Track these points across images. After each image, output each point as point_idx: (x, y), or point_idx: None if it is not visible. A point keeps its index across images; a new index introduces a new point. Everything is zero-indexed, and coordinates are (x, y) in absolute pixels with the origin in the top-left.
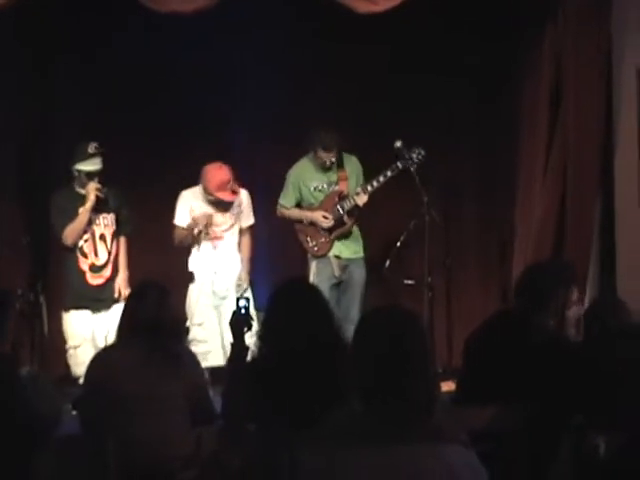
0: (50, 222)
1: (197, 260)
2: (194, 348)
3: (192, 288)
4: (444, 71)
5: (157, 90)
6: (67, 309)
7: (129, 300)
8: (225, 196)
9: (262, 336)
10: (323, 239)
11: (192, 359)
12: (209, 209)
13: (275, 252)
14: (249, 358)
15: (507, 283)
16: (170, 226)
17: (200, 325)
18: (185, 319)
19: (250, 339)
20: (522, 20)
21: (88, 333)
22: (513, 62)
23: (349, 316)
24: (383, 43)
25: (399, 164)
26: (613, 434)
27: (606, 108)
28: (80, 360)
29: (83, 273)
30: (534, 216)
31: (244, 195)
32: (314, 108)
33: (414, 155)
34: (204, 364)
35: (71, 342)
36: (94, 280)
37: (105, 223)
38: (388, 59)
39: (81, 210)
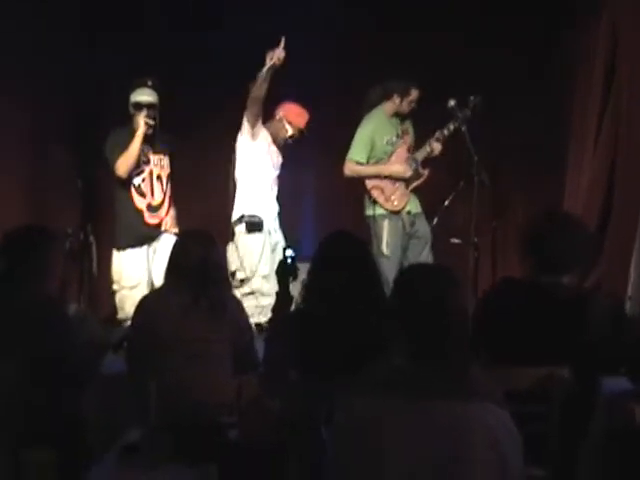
0: (104, 157)
1: (262, 206)
2: (257, 301)
3: (258, 237)
4: (495, 42)
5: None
6: (122, 248)
7: (175, 246)
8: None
9: (308, 285)
10: (399, 192)
11: (238, 307)
12: (272, 147)
13: (322, 207)
14: (293, 307)
15: None
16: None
17: (265, 277)
18: (237, 267)
19: (295, 289)
20: None
21: (144, 273)
22: (570, 33)
23: None
24: (437, 14)
25: (467, 112)
26: None
27: None
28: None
29: (140, 212)
30: (582, 183)
31: None
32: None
33: (472, 99)
34: (263, 318)
35: (126, 283)
36: (151, 219)
37: (161, 164)
38: (438, 31)
39: (134, 141)
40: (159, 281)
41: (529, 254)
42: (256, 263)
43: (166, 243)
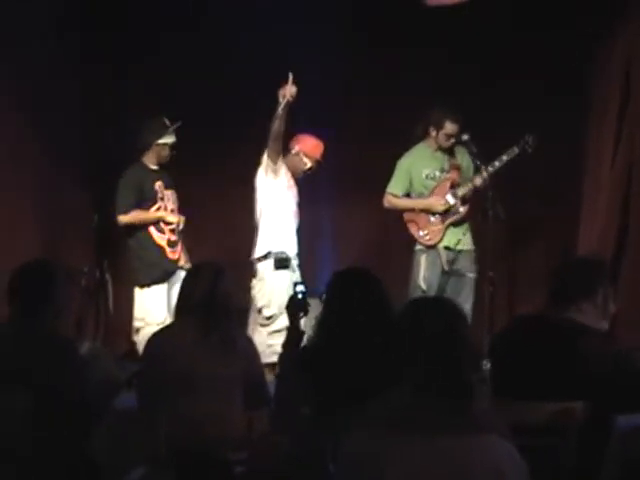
0: (115, 200)
1: (287, 242)
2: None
3: (285, 274)
4: (511, 65)
5: (213, 78)
6: (147, 285)
7: (185, 280)
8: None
9: (320, 321)
10: (435, 227)
11: (248, 342)
12: (291, 181)
13: (339, 242)
14: (304, 343)
15: None
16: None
17: None
18: (247, 303)
19: (306, 324)
20: (593, 16)
21: (167, 308)
22: (582, 59)
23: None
24: (451, 36)
25: (516, 148)
26: None
27: None
28: None
29: (162, 248)
30: (598, 214)
31: None
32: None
33: (529, 140)
34: None
35: (153, 319)
36: (172, 255)
37: (173, 199)
38: (454, 52)
39: (156, 212)
40: None
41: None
42: (284, 300)
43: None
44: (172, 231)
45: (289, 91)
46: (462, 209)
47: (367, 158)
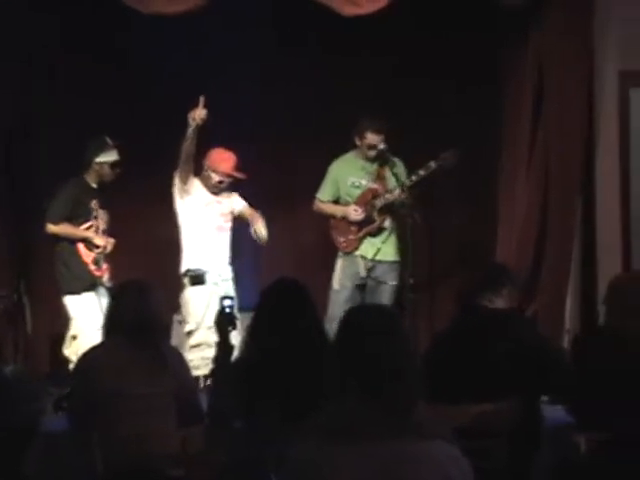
0: (47, 206)
1: (206, 258)
2: (204, 353)
3: (201, 290)
4: (426, 73)
5: (143, 93)
6: (77, 292)
7: (112, 299)
8: (238, 174)
9: (250, 333)
10: (352, 236)
11: (178, 358)
12: (209, 197)
13: (263, 253)
14: (234, 357)
15: None
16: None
17: (211, 329)
18: (171, 319)
19: (235, 338)
20: (505, 25)
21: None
22: (496, 65)
23: None
24: (365, 44)
25: (433, 164)
26: (594, 433)
27: (588, 110)
28: None
29: (86, 265)
30: (516, 217)
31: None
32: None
33: (448, 156)
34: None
35: (90, 325)
36: (97, 272)
37: (105, 219)
38: (369, 61)
39: (86, 230)
40: None
41: None
42: (201, 315)
43: (105, 297)
44: (99, 252)
45: (198, 114)
46: (378, 220)
47: (288, 168)
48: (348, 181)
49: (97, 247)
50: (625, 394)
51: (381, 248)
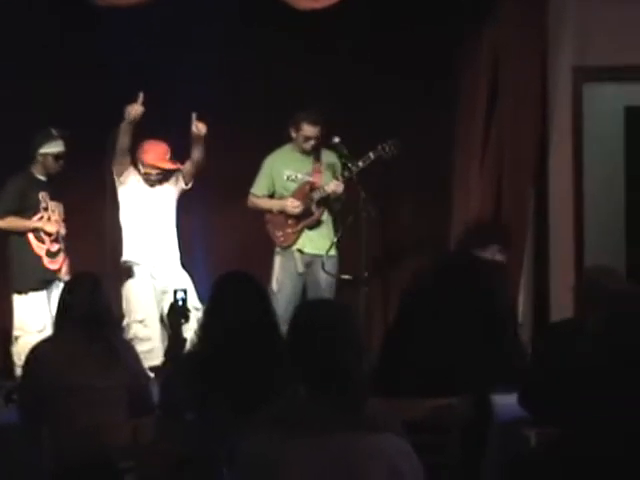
0: None
1: (134, 250)
2: (136, 347)
3: (131, 283)
4: (381, 68)
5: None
6: (24, 292)
7: (63, 292)
8: (165, 164)
9: (202, 325)
10: (290, 229)
11: (130, 350)
12: (146, 189)
13: (215, 245)
14: (187, 349)
15: None
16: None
17: (141, 322)
18: (122, 313)
19: (187, 331)
20: (459, 18)
21: (48, 318)
22: (450, 58)
23: None
24: (323, 38)
25: (371, 154)
26: (545, 427)
27: (542, 105)
28: None
29: (39, 258)
30: (470, 211)
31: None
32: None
33: (387, 147)
34: (146, 363)
35: (31, 327)
36: (51, 265)
37: (59, 210)
38: (325, 55)
39: (34, 220)
40: None
41: None
42: (134, 309)
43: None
44: (53, 241)
45: (135, 110)
46: (317, 213)
47: (233, 161)
48: (284, 175)
49: (49, 235)
50: (578, 389)
51: (318, 242)
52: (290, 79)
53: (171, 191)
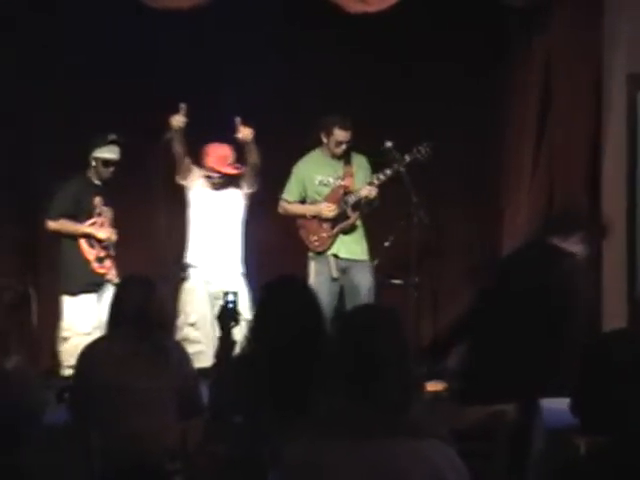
0: (49, 204)
1: (194, 253)
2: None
3: (186, 286)
4: (431, 74)
5: (143, 89)
6: (75, 294)
7: (115, 293)
8: (227, 169)
9: (251, 329)
10: (325, 234)
11: (181, 352)
12: (210, 192)
13: (270, 248)
14: (236, 352)
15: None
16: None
17: (193, 325)
18: (174, 314)
19: (237, 333)
20: (512, 25)
21: (96, 320)
22: (503, 66)
23: None
24: (370, 42)
25: (407, 157)
26: (594, 435)
27: (596, 114)
28: None
29: (88, 262)
30: (521, 219)
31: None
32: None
33: (422, 149)
34: (195, 365)
35: (80, 329)
36: (99, 269)
37: (109, 216)
38: (373, 61)
39: (86, 225)
40: None
41: None
42: (186, 312)
43: (111, 293)
44: (103, 247)
45: (176, 121)
46: (352, 216)
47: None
48: (315, 179)
49: (100, 241)
50: (631, 398)
51: (352, 246)
52: (334, 81)
53: (236, 195)
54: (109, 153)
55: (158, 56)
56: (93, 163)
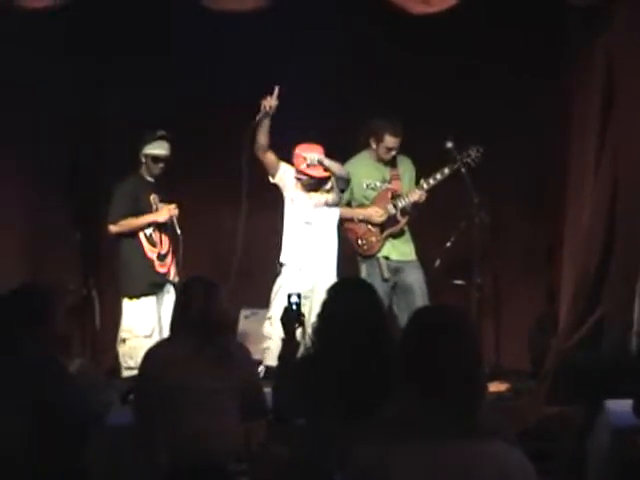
0: (108, 208)
1: (286, 252)
2: (257, 343)
3: (277, 281)
4: (492, 74)
5: (205, 92)
6: (136, 297)
7: (178, 295)
8: (311, 171)
9: (316, 331)
10: (374, 238)
11: (244, 354)
12: (301, 194)
13: None
14: (300, 354)
15: (554, 285)
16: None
17: (269, 319)
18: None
19: (301, 335)
20: (573, 25)
21: (157, 322)
22: (563, 66)
23: None
24: (428, 42)
25: (461, 159)
26: None
27: None
28: None
29: (151, 262)
30: (583, 219)
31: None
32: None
33: (472, 152)
34: (263, 361)
35: (140, 331)
36: (161, 268)
37: None
38: (432, 59)
39: (144, 217)
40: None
41: None
42: (270, 306)
43: (172, 292)
44: (163, 236)
45: (269, 103)
46: (402, 220)
47: None
48: (363, 183)
49: (161, 231)
50: None
51: (402, 248)
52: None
53: (328, 198)
54: (159, 149)
55: (222, 57)
56: (143, 160)
